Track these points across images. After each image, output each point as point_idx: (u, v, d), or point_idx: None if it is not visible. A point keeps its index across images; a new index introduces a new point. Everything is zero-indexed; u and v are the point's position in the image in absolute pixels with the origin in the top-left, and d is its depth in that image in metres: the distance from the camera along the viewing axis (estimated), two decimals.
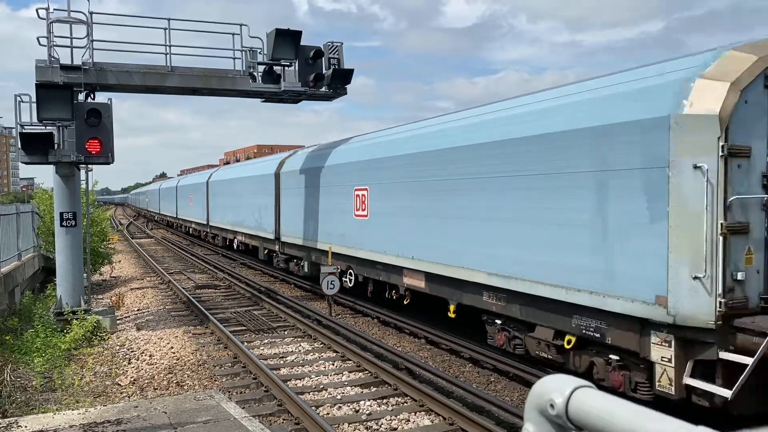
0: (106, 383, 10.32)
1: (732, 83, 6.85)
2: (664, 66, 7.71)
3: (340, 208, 15.79)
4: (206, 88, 14.99)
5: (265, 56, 15.04)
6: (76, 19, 13.43)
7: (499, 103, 10.84)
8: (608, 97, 8.07)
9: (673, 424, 1.18)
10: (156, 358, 11.82)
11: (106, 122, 13.83)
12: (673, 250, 6.90)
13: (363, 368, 10.76)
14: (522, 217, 9.26)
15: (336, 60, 15.47)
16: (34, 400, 9.41)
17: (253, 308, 16.79)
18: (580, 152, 8.17)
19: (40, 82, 13.02)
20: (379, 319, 14.99)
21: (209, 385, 10.10)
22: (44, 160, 13.72)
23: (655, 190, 7.12)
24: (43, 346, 11.76)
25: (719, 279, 6.79)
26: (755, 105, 6.95)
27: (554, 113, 8.86)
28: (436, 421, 8.41)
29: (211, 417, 7.43)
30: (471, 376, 10.64)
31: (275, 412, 8.79)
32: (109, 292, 20.42)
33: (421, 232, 12.03)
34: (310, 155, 18.87)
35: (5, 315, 14.45)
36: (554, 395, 1.40)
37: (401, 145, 13.18)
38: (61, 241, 14.30)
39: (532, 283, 8.96)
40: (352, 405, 9.08)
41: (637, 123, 7.37)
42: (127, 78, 14.10)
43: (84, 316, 13.74)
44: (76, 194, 14.42)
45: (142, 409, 7.77)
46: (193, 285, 21.21)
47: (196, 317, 15.67)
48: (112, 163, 14.10)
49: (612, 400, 1.30)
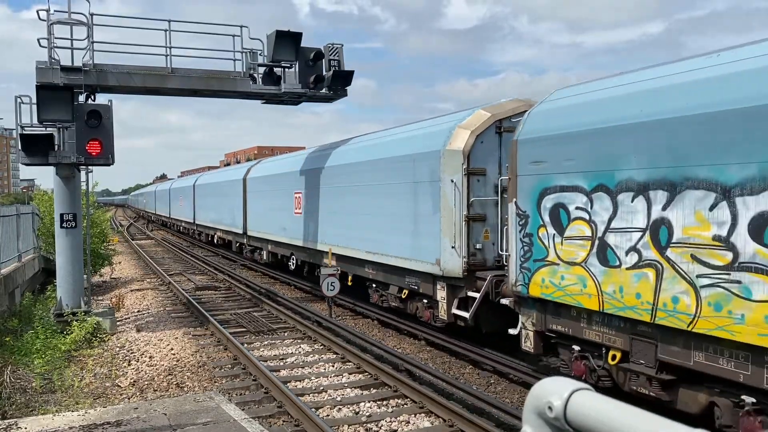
0: (106, 385, 10.32)
1: (472, 131, 11.45)
2: (443, 119, 12.71)
3: (286, 207, 19.74)
4: (207, 89, 14.99)
5: (265, 58, 15.05)
6: (77, 20, 13.43)
7: (374, 133, 16.27)
8: (416, 137, 12.99)
9: (673, 426, 1.18)
10: (156, 359, 11.81)
11: (107, 123, 13.84)
12: (442, 230, 11.43)
13: (363, 370, 10.76)
14: (379, 213, 13.86)
15: (336, 61, 15.48)
16: (34, 401, 9.41)
17: (253, 310, 16.79)
18: (404, 170, 12.78)
19: (40, 83, 13.03)
20: (379, 320, 14.99)
21: (209, 386, 10.10)
22: (44, 161, 13.72)
23: (435, 194, 11.64)
24: (43, 347, 11.75)
25: (465, 248, 11.27)
26: (488, 143, 11.55)
27: (394, 144, 13.77)
28: (436, 422, 8.40)
29: (211, 418, 7.43)
30: (471, 377, 10.63)
31: (275, 414, 8.79)
32: (109, 293, 20.42)
33: (334, 225, 16.39)
34: (268, 164, 23.37)
35: (5, 316, 14.44)
36: (552, 398, 1.39)
37: (322, 160, 17.46)
38: (61, 243, 14.30)
39: (386, 256, 13.47)
40: (352, 406, 9.08)
41: (428, 153, 11.92)
42: (128, 79, 14.10)
43: (84, 317, 13.74)
44: (76, 195, 14.43)
45: (142, 411, 7.77)
46: (193, 286, 21.21)
47: (196, 319, 15.67)
48: (113, 164, 14.10)
49: (611, 403, 1.30)
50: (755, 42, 6.74)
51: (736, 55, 6.72)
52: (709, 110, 6.49)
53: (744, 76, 6.35)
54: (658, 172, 7.00)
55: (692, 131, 6.64)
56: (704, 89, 6.71)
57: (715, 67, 6.81)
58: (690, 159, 6.65)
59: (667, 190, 6.88)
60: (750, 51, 6.59)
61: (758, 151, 5.97)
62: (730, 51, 6.92)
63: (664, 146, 6.95)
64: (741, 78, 6.37)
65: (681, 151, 6.75)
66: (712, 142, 6.42)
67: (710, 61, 6.98)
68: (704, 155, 6.50)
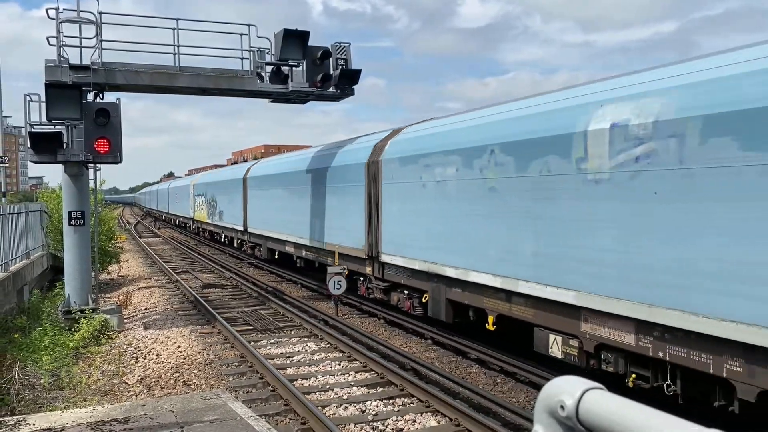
0: (113, 382, 10.36)
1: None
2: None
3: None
4: (214, 88, 15.02)
5: (273, 56, 15.07)
6: (86, 19, 13.49)
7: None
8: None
9: (686, 426, 1.17)
10: (163, 357, 11.85)
11: (115, 122, 13.89)
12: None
13: (369, 368, 10.76)
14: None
15: (343, 60, 15.49)
16: (42, 398, 9.46)
17: (260, 308, 16.82)
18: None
19: (49, 81, 13.09)
20: (385, 319, 14.99)
21: (216, 384, 10.13)
22: (53, 159, 13.79)
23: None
24: (51, 344, 11.81)
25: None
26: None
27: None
28: (442, 422, 8.39)
29: (217, 416, 7.44)
30: (477, 377, 10.61)
31: (282, 412, 8.80)
32: (116, 291, 20.50)
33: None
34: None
35: (14, 313, 14.53)
36: (564, 397, 1.39)
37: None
38: (69, 240, 14.37)
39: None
40: (358, 405, 9.08)
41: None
42: (136, 78, 14.14)
43: (92, 314, 13.80)
44: (84, 193, 14.49)
45: (149, 408, 7.79)
46: (200, 284, 21.27)
47: (203, 317, 15.71)
48: (120, 162, 14.15)
49: (623, 402, 1.29)
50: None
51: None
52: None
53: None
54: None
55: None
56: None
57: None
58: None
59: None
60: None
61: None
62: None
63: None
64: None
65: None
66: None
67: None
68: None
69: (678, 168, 6.82)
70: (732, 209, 6.27)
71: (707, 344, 6.52)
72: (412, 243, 12.64)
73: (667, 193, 6.94)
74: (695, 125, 6.64)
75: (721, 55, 6.90)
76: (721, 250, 6.35)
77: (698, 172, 6.60)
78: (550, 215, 8.73)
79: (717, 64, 6.79)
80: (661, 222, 7.02)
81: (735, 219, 6.22)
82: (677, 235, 6.82)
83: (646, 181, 7.20)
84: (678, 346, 6.88)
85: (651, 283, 7.09)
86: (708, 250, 6.49)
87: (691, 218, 6.69)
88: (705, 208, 6.53)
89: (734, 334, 6.17)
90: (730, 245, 6.26)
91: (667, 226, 6.94)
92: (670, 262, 6.89)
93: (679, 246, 6.80)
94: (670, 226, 6.90)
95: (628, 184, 7.44)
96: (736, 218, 6.21)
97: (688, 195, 6.72)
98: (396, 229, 13.36)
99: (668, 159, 6.92)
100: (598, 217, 7.90)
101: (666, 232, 6.96)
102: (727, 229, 6.31)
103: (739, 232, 6.18)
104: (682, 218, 6.77)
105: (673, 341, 6.93)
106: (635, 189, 7.33)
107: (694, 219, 6.65)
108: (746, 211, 6.12)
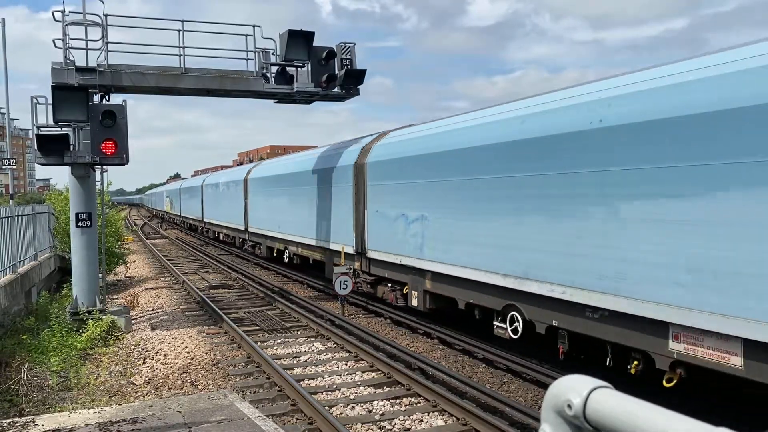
0: (121, 382, 10.40)
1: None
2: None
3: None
4: (220, 89, 15.05)
5: (278, 57, 15.08)
6: (91, 21, 13.54)
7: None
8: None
9: (694, 424, 1.17)
10: (170, 357, 11.89)
11: (121, 123, 13.93)
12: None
13: (376, 368, 10.76)
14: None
15: (348, 60, 15.49)
16: (51, 398, 9.50)
17: (267, 308, 16.85)
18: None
19: (56, 84, 13.15)
20: (392, 319, 14.99)
21: (223, 384, 10.15)
22: (60, 161, 13.84)
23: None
24: (59, 345, 11.87)
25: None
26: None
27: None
28: (449, 421, 8.39)
29: (225, 416, 7.46)
30: (484, 376, 10.60)
31: (289, 412, 8.81)
32: (123, 292, 20.58)
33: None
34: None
35: (22, 314, 14.61)
36: (572, 395, 1.38)
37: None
38: (76, 242, 14.42)
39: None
40: (365, 405, 9.08)
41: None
42: (142, 80, 14.19)
43: (99, 315, 13.85)
44: (91, 195, 14.54)
45: (157, 409, 7.82)
46: (207, 285, 21.32)
47: (210, 317, 15.75)
48: (127, 163, 14.19)
49: (631, 401, 1.29)
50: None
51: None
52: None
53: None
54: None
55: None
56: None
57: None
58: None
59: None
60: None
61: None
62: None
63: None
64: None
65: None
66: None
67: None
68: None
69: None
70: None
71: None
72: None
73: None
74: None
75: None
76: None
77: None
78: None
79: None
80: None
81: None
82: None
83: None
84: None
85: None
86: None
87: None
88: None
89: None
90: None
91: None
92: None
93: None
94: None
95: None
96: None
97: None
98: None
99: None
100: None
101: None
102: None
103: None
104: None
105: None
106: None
107: None
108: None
